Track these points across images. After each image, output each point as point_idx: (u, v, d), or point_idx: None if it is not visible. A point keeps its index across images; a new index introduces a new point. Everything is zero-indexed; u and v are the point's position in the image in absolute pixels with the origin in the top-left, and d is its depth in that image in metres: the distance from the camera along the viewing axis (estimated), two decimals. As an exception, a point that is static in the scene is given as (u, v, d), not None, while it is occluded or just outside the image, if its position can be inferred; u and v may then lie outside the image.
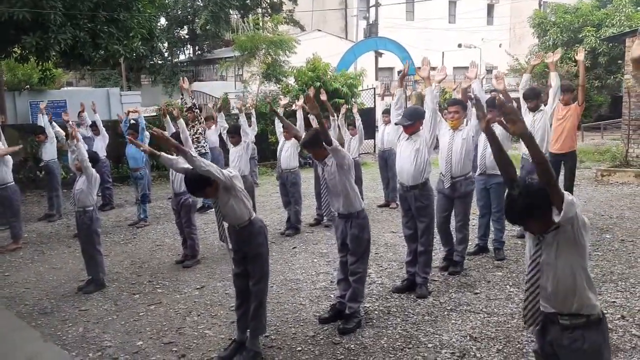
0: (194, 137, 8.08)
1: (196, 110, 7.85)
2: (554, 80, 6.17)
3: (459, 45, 31.57)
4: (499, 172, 5.58)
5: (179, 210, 6.28)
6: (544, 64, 8.46)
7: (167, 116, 7.12)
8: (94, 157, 5.65)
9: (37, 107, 14.95)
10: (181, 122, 6.18)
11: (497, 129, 4.91)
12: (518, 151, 7.02)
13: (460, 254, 5.56)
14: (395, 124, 4.98)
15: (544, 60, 6.54)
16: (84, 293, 5.38)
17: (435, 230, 5.16)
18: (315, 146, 4.12)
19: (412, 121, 4.79)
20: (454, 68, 33.26)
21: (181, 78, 7.59)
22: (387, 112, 9.33)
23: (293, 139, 7.18)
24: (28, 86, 16.02)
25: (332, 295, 4.94)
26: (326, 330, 4.35)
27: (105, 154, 9.11)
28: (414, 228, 4.98)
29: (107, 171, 9.16)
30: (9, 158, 7.08)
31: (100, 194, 7.96)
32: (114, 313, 4.89)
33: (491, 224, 6.02)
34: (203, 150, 8.22)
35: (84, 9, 9.26)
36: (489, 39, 33.35)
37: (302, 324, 4.51)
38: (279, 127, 7.92)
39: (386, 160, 8.93)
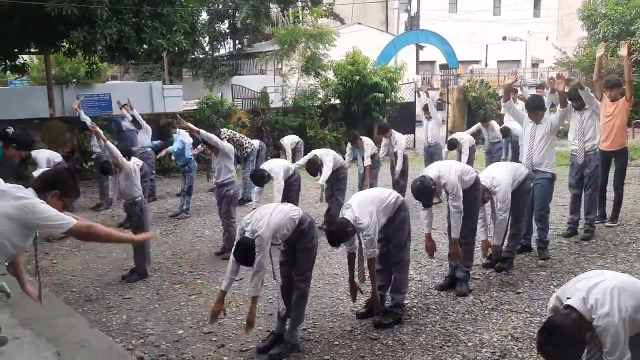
0: (238, 142, 8.51)
1: (92, 128, 7.37)
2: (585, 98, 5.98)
3: (504, 38, 30.81)
4: (544, 169, 5.54)
5: (220, 201, 6.37)
6: (592, 58, 8.21)
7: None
8: (126, 151, 5.81)
9: (84, 100, 15.43)
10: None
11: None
12: (565, 148, 6.81)
13: (510, 249, 5.41)
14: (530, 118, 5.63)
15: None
16: (127, 282, 5.53)
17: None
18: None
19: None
20: (498, 62, 32.54)
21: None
22: (426, 108, 9.21)
23: None
24: (75, 80, 16.52)
25: (369, 291, 4.90)
26: (363, 325, 4.34)
27: (151, 146, 9.27)
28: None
29: (151, 163, 9.34)
30: None
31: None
32: (156, 302, 5.01)
33: (533, 222, 5.86)
34: (248, 150, 8.77)
35: (129, 4, 9.46)
36: (535, 31, 32.40)
37: (339, 318, 4.51)
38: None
39: (432, 155, 8.82)
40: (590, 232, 6.36)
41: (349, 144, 8.34)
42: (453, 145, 8.83)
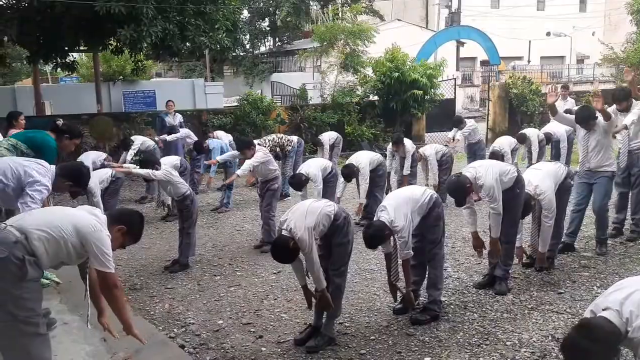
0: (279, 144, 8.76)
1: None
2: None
3: (548, 34, 30.00)
4: (603, 169, 5.47)
5: (263, 195, 6.48)
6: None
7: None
8: (151, 161, 6.14)
9: (129, 97, 15.91)
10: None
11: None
12: (614, 146, 6.63)
13: (551, 248, 5.31)
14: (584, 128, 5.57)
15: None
16: (169, 272, 5.69)
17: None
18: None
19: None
20: (541, 58, 31.71)
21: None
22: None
23: None
24: (121, 77, 17.03)
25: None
26: (400, 321, 4.35)
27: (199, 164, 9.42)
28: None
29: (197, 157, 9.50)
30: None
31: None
32: (197, 292, 5.15)
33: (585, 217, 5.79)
34: (289, 148, 8.96)
35: (174, 2, 9.69)
36: (580, 26, 31.39)
37: (376, 313, 4.53)
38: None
39: (475, 153, 8.73)
40: (637, 233, 6.19)
41: (390, 145, 8.30)
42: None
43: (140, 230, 3.22)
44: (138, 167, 6.12)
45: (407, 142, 8.19)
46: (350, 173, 6.88)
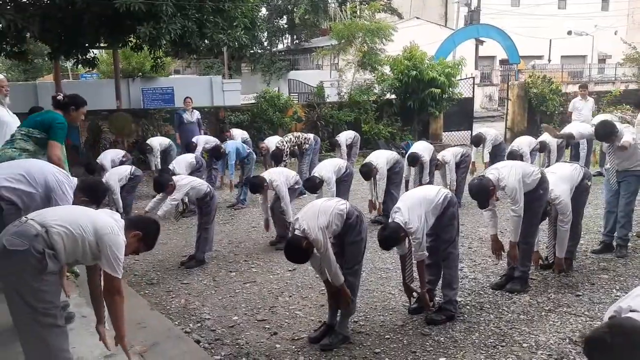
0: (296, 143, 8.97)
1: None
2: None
3: (569, 33, 29.56)
4: (633, 169, 5.42)
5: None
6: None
7: None
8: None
9: (148, 93, 16.04)
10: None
11: None
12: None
13: (569, 249, 5.21)
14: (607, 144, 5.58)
15: None
16: (186, 267, 5.74)
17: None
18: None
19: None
20: (562, 57, 31.30)
21: None
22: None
23: None
24: (140, 73, 17.18)
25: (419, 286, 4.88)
26: (415, 320, 4.33)
27: (216, 167, 9.50)
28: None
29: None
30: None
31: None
32: (213, 288, 5.18)
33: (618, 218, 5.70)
34: (306, 146, 9.10)
35: (193, 0, 9.75)
36: (603, 25, 30.89)
37: (391, 312, 4.52)
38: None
39: (496, 155, 8.63)
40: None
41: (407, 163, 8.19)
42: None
43: (155, 240, 3.26)
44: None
45: (424, 151, 7.96)
46: (369, 172, 6.87)
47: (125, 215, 6.13)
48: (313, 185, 6.57)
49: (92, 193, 4.01)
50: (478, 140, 8.94)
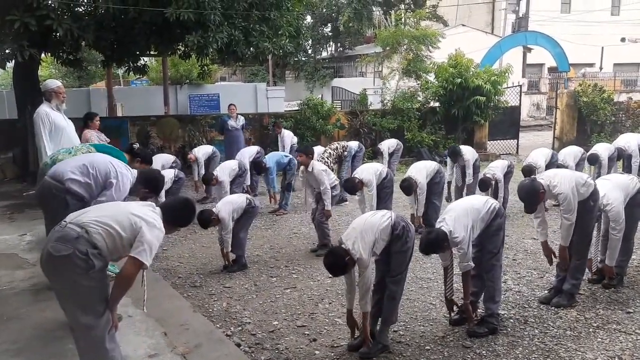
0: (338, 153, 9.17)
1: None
2: None
3: (622, 40, 28.46)
4: None
5: (319, 200, 6.54)
6: None
7: None
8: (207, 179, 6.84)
9: (195, 100, 16.44)
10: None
11: None
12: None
13: (620, 264, 5.03)
14: None
15: None
16: (228, 272, 5.83)
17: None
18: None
19: None
20: (614, 64, 30.18)
21: None
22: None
23: None
24: (188, 80, 17.65)
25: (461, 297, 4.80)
26: (456, 332, 4.26)
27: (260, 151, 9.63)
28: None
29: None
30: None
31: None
32: (254, 292, 5.25)
33: None
34: (346, 154, 9.31)
35: (240, 9, 9.96)
36: (659, 32, 29.63)
37: (431, 323, 4.46)
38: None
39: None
40: None
41: (449, 159, 8.13)
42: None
43: (190, 217, 3.36)
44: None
45: (467, 150, 7.99)
46: (409, 187, 6.81)
47: None
48: (352, 186, 6.58)
49: (153, 184, 4.21)
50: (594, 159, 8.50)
